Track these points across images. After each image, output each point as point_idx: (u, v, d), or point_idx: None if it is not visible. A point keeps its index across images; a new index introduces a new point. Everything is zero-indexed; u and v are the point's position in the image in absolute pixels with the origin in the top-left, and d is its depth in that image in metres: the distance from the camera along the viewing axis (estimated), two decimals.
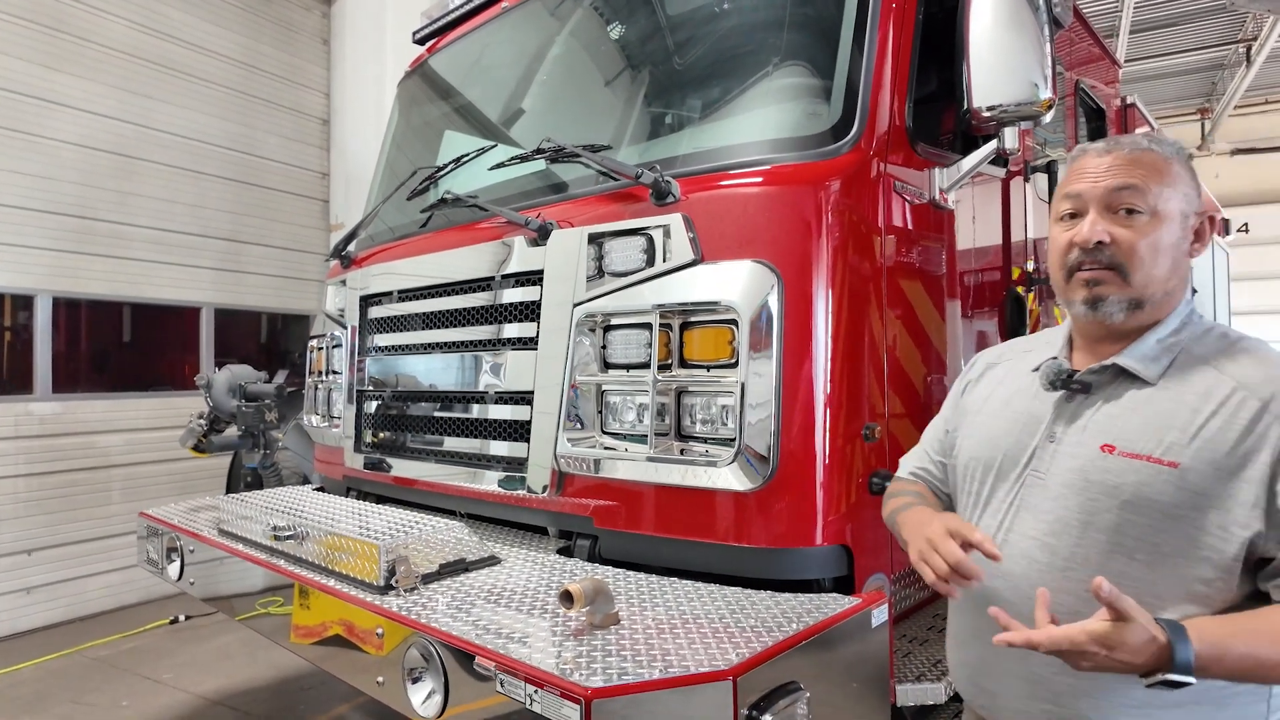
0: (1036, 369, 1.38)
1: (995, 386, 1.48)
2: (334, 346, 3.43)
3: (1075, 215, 1.29)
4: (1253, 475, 1.12)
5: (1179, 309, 1.29)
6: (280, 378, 4.94)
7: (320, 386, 3.56)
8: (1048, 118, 2.15)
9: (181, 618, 5.48)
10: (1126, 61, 11.80)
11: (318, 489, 3.56)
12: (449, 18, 3.61)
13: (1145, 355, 1.26)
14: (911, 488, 1.62)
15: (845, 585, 2.01)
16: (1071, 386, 1.30)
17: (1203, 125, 15.79)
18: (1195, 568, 1.15)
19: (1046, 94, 2.10)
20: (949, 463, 1.56)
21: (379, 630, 1.90)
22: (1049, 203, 3.05)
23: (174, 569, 2.93)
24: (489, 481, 2.58)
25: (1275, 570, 1.14)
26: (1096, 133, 4.12)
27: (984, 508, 1.41)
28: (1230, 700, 1.18)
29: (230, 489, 5.32)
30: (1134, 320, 1.26)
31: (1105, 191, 1.25)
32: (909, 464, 1.71)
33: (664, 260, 2.14)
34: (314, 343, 3.67)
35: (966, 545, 1.22)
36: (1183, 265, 1.28)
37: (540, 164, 2.68)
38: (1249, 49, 12.29)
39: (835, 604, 1.85)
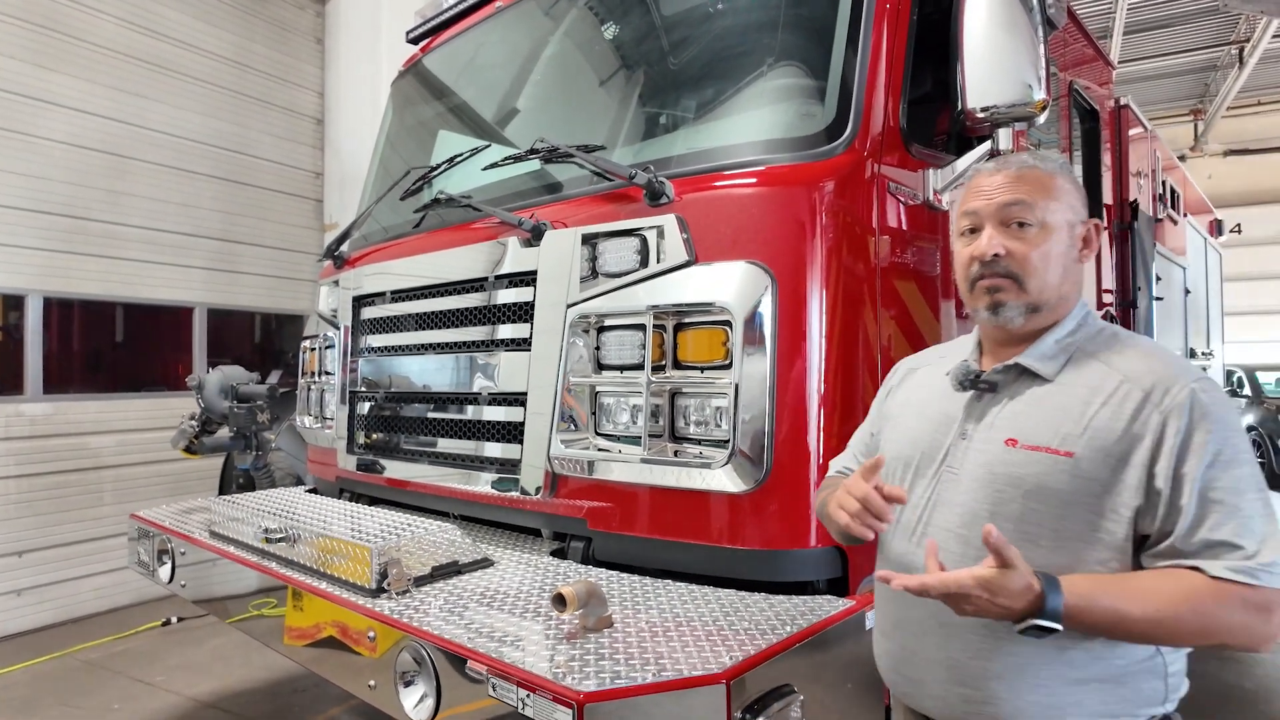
0: (949, 372, 1.47)
1: (914, 390, 1.57)
2: (327, 347, 3.42)
3: (974, 230, 1.40)
4: (1137, 460, 1.22)
5: (1074, 312, 1.40)
6: (273, 378, 4.92)
7: (313, 387, 3.54)
8: (1041, 119, 2.15)
9: (174, 620, 5.45)
10: (1120, 63, 11.83)
11: (310, 490, 3.54)
12: (443, 17, 3.60)
13: (1044, 354, 1.36)
14: (838, 481, 1.69)
15: (839, 587, 2.01)
16: (979, 386, 1.40)
17: (1196, 126, 15.87)
18: (1094, 550, 1.25)
19: (1040, 95, 2.10)
20: None
21: (371, 633, 1.89)
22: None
23: (165, 571, 2.92)
24: (482, 483, 2.57)
25: (1148, 545, 1.24)
26: (1090, 134, 4.13)
27: (903, 505, 1.47)
28: (1128, 679, 1.26)
29: (223, 491, 5.29)
30: (1032, 324, 1.37)
31: (998, 208, 1.37)
32: (836, 465, 1.77)
33: (658, 261, 2.14)
34: (306, 343, 3.66)
35: (889, 494, 1.33)
36: (1073, 271, 1.39)
37: (534, 164, 2.66)
38: (1241, 50, 12.35)
39: (829, 606, 1.84)
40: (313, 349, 3.56)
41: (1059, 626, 1.14)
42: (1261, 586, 1.14)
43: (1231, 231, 9.18)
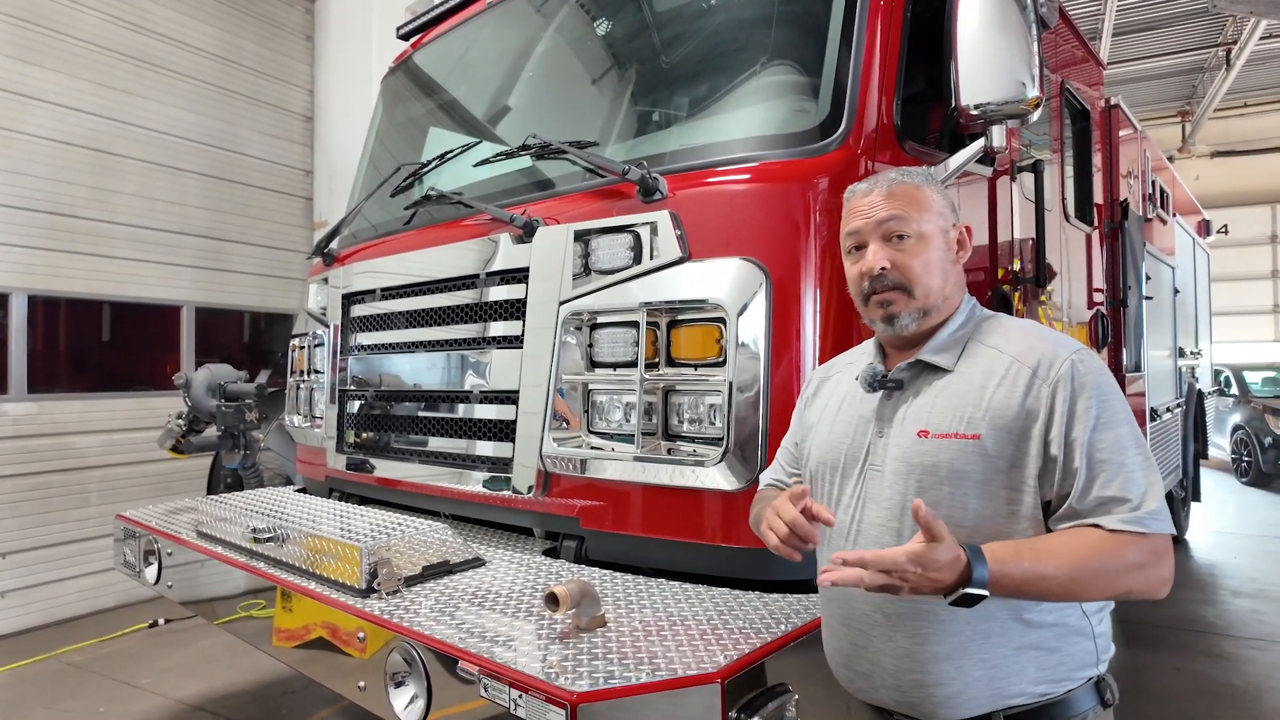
0: (858, 377, 1.55)
1: (829, 398, 1.63)
2: (316, 345, 3.39)
3: (859, 248, 1.50)
4: (1034, 433, 1.32)
5: (962, 306, 1.50)
6: (263, 377, 4.87)
7: (302, 386, 3.50)
8: (1034, 116, 2.15)
9: (161, 621, 5.39)
10: (1109, 64, 11.92)
11: (299, 490, 3.51)
12: (434, 13, 3.57)
13: (940, 348, 1.45)
14: (770, 494, 1.74)
15: None
16: (887, 385, 1.48)
17: (1183, 127, 16.00)
18: (1011, 524, 1.33)
19: (1033, 93, 2.10)
20: (801, 474, 1.67)
21: (360, 634, 1.87)
22: (1034, 202, 3.05)
23: (151, 572, 2.88)
24: (474, 482, 2.54)
25: (1050, 510, 1.32)
26: (1080, 134, 4.15)
27: (836, 505, 1.52)
28: (1061, 644, 1.35)
29: (211, 491, 5.24)
30: (925, 325, 1.47)
31: (876, 224, 1.46)
32: (766, 478, 1.80)
33: (651, 258, 2.12)
34: (295, 341, 3.62)
35: (809, 516, 1.38)
36: (953, 272, 1.49)
37: (526, 161, 2.65)
38: (1228, 53, 12.45)
39: None
40: (302, 347, 3.53)
41: (986, 592, 1.19)
42: (1150, 534, 1.24)
43: (1219, 232, 9.26)
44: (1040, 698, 1.34)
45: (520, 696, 1.42)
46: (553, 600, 1.62)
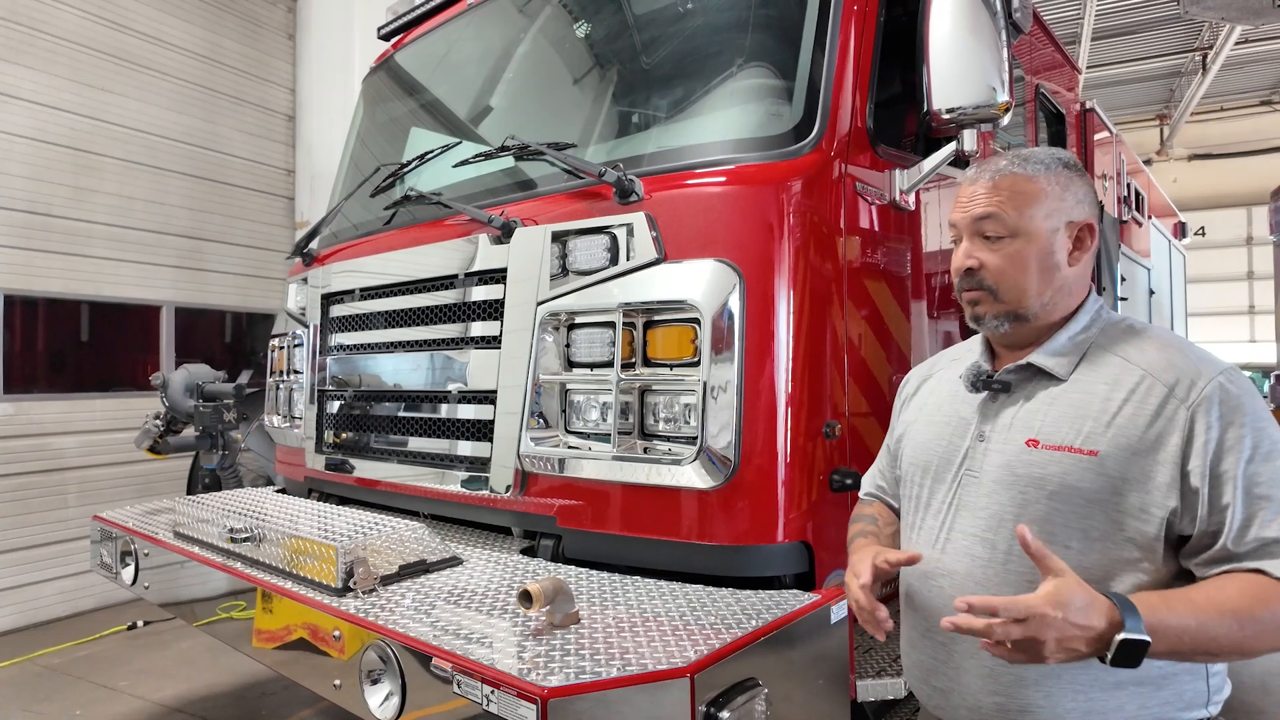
0: (961, 375, 1.46)
1: (929, 396, 1.56)
2: (295, 345, 3.38)
3: (957, 242, 1.42)
4: (1165, 457, 1.19)
5: (1086, 307, 1.38)
6: (244, 378, 4.85)
7: (281, 386, 3.50)
8: (1005, 120, 2.18)
9: (140, 624, 5.35)
10: (1089, 68, 12.07)
11: (279, 491, 3.50)
12: (415, 14, 3.58)
13: (1056, 352, 1.34)
14: (867, 511, 1.70)
15: (806, 582, 2.03)
16: (992, 387, 1.39)
17: (1161, 131, 16.21)
18: (1121, 549, 1.22)
19: (1004, 97, 2.14)
20: (898, 474, 1.61)
21: (336, 633, 1.88)
22: None
23: (128, 573, 2.86)
24: (452, 482, 2.55)
25: (1194, 548, 1.20)
26: (1055, 137, 4.21)
27: (925, 510, 1.46)
28: (1169, 681, 1.23)
29: (190, 491, 5.21)
30: (1022, 330, 1.37)
31: (970, 221, 1.38)
32: (866, 484, 1.78)
33: (627, 259, 2.14)
34: (275, 341, 3.61)
35: (898, 563, 1.34)
36: (1058, 275, 1.35)
37: (505, 161, 2.66)
38: (1205, 57, 12.64)
39: (795, 600, 1.86)
40: (281, 347, 3.52)
41: (1148, 639, 1.06)
42: None
43: (1195, 234, 9.42)
44: None
45: (493, 692, 1.44)
46: (526, 598, 1.64)
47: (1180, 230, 8.61)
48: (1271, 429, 1.18)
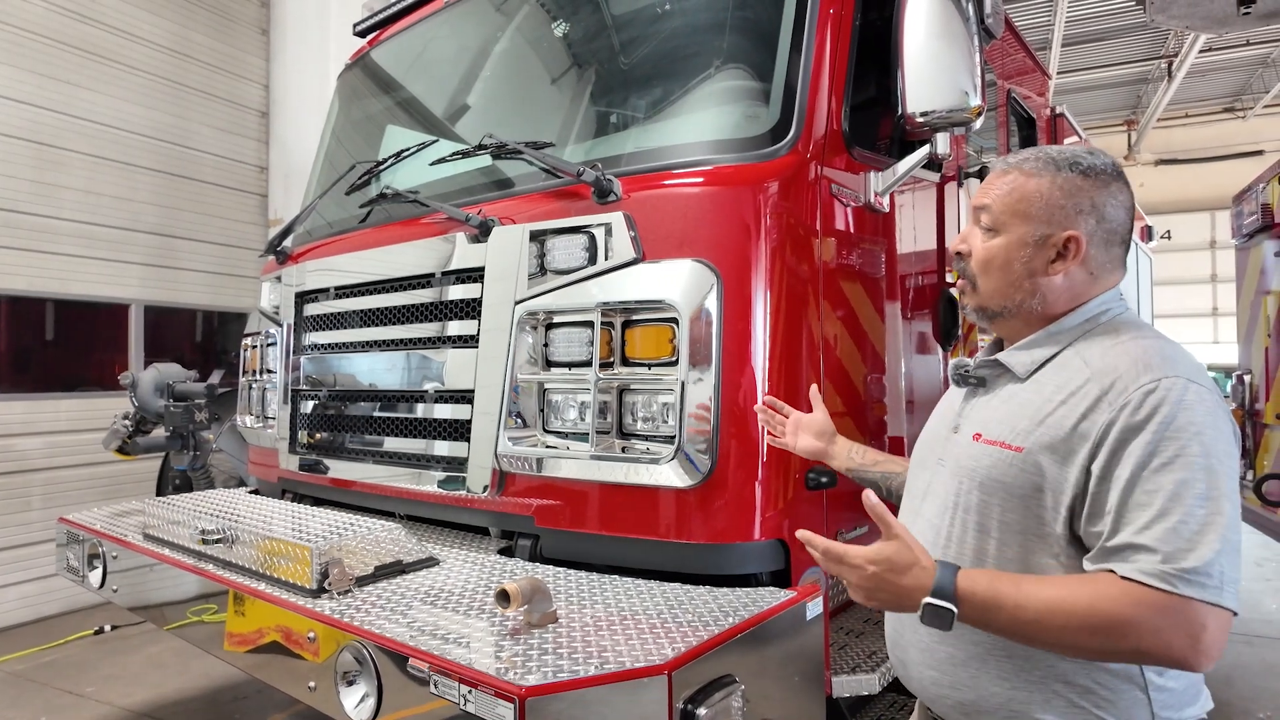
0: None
1: (949, 391, 1.60)
2: (268, 345, 3.34)
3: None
4: (1079, 459, 1.19)
5: (1083, 309, 1.33)
6: (215, 377, 4.77)
7: (254, 386, 3.45)
8: (977, 124, 2.22)
9: (107, 628, 5.24)
10: (1059, 74, 12.29)
11: (252, 492, 3.45)
12: (391, 10, 3.55)
13: (1020, 350, 1.36)
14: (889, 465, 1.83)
15: (782, 579, 2.04)
16: (969, 381, 1.43)
17: (1129, 136, 16.58)
18: (1038, 544, 1.25)
19: (976, 101, 2.17)
20: None
21: (311, 634, 1.86)
22: None
23: (96, 576, 2.81)
24: (429, 482, 2.54)
25: (1090, 550, 1.19)
26: (1026, 140, 4.28)
27: (909, 493, 1.55)
28: (1097, 687, 1.21)
29: (160, 493, 5.11)
30: (1003, 325, 1.40)
31: (974, 208, 1.41)
32: None
33: (605, 258, 2.15)
34: (248, 340, 3.56)
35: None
36: (1029, 281, 1.33)
37: (482, 160, 2.65)
38: (1170, 65, 12.93)
39: (771, 597, 1.88)
40: (254, 346, 3.47)
41: (948, 605, 1.14)
42: (1175, 594, 1.05)
43: (1162, 238, 9.63)
44: None
45: (470, 692, 1.44)
46: (504, 597, 1.64)
47: (1147, 234, 8.80)
48: (1190, 441, 1.12)
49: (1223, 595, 1.06)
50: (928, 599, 1.15)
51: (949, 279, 2.95)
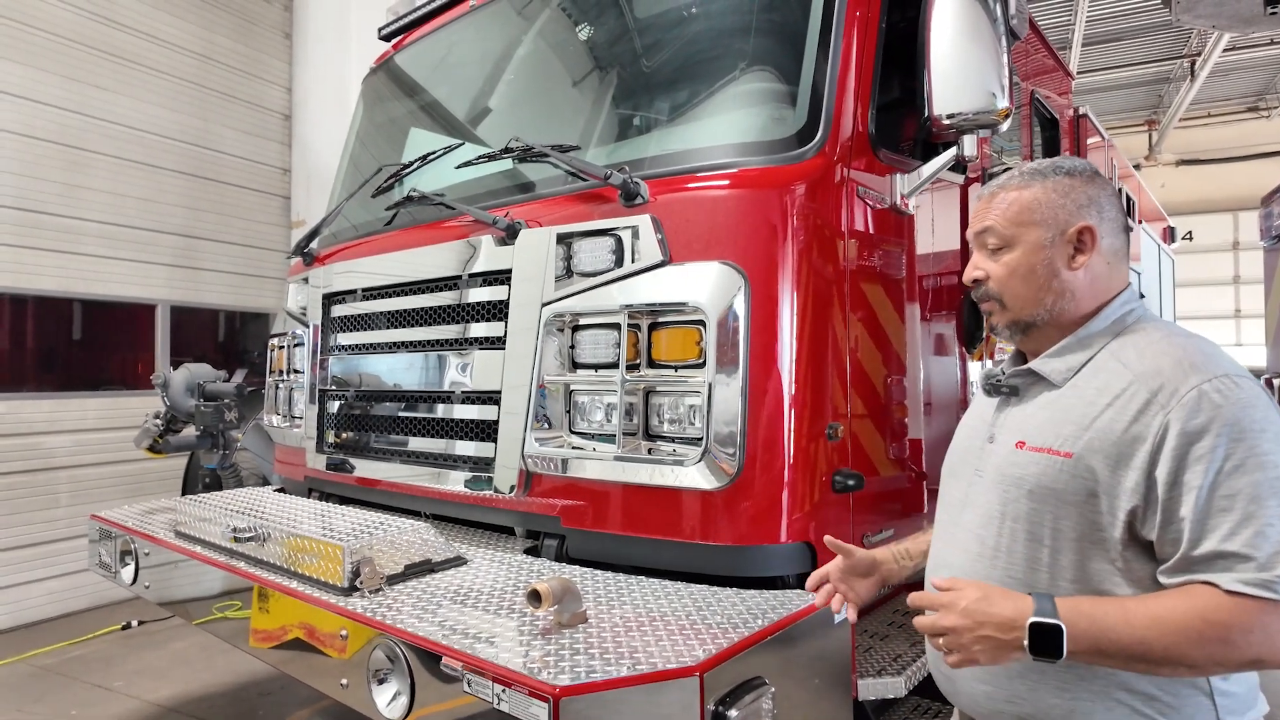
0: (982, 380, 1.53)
1: (976, 400, 1.61)
2: (295, 345, 3.38)
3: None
4: (1136, 463, 1.19)
5: (1111, 308, 1.36)
6: (238, 377, 4.83)
7: (281, 386, 3.49)
8: (1005, 126, 2.21)
9: (134, 623, 5.32)
10: (1078, 73, 12.18)
11: (278, 490, 3.50)
12: (415, 14, 3.58)
13: (1054, 357, 1.37)
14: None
15: None
16: (1001, 390, 1.44)
17: (1150, 136, 16.38)
18: (1095, 551, 1.24)
19: (1004, 103, 2.17)
20: None
21: (343, 632, 1.88)
22: None
23: (128, 573, 2.86)
24: (454, 482, 2.56)
25: (1159, 558, 1.20)
26: (1050, 142, 4.25)
27: (944, 506, 1.53)
28: (1162, 695, 1.21)
29: (187, 491, 5.18)
30: (1036, 335, 1.40)
31: (975, 234, 1.44)
32: None
33: (632, 261, 2.16)
34: (275, 341, 3.61)
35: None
36: (1057, 281, 1.36)
37: (507, 163, 2.67)
38: (1193, 64, 12.78)
39: (798, 600, 1.88)
40: (281, 347, 3.52)
41: (1059, 623, 1.11)
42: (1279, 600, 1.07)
43: (1183, 239, 9.51)
44: None
45: (504, 691, 1.45)
46: (535, 597, 1.65)
47: (1169, 235, 8.70)
48: (1256, 440, 1.13)
49: None
50: (1034, 619, 1.11)
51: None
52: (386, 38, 3.81)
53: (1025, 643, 1.12)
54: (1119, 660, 1.14)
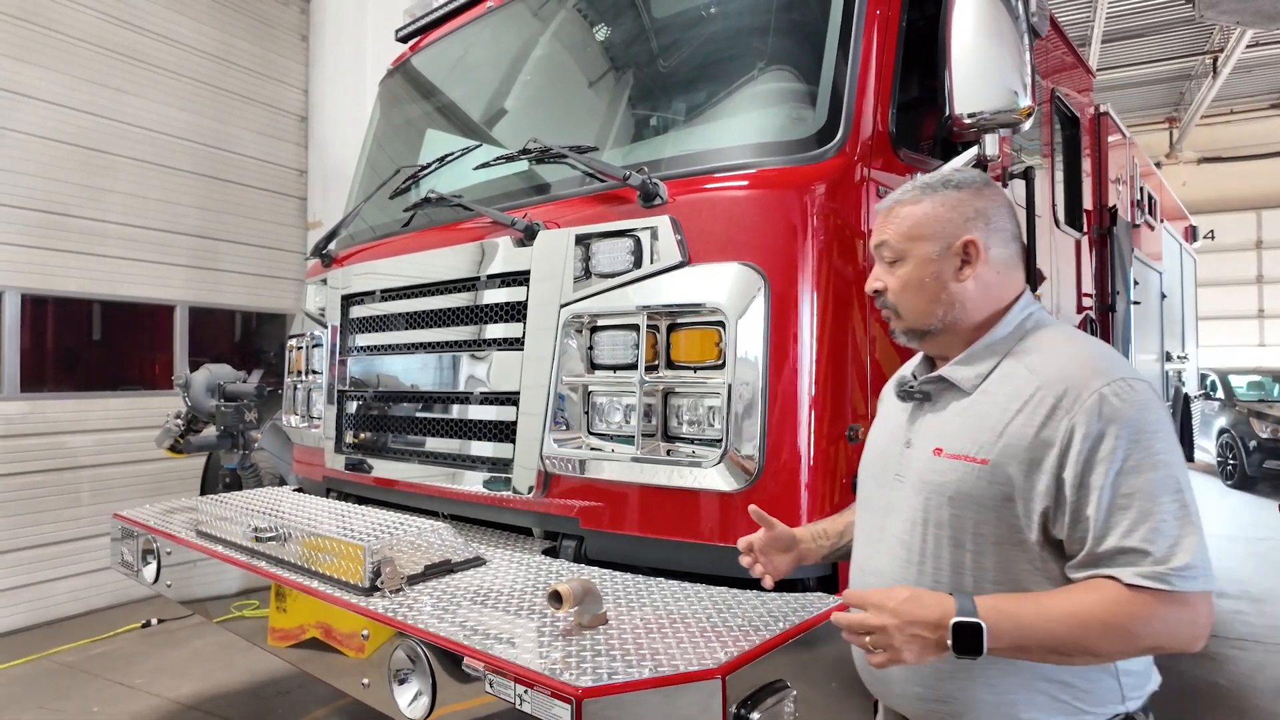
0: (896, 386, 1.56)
1: (887, 403, 1.63)
2: (314, 346, 3.40)
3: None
4: (1046, 466, 1.25)
5: (1007, 319, 1.41)
6: (254, 377, 4.87)
7: (300, 386, 3.52)
8: (1027, 125, 2.19)
9: (154, 621, 5.38)
10: (1098, 70, 12.03)
11: (296, 490, 3.52)
12: (433, 16, 3.59)
13: (965, 363, 1.42)
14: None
15: (829, 585, 2.03)
16: (915, 396, 1.47)
17: (1171, 134, 16.17)
18: (1015, 553, 1.30)
19: (1026, 101, 2.14)
20: None
21: (364, 632, 1.89)
22: (1025, 208, 3.11)
23: (150, 571, 2.89)
24: (473, 482, 2.57)
25: (1070, 558, 1.26)
26: (1071, 140, 4.21)
27: (867, 510, 1.56)
28: (1077, 679, 1.29)
29: (205, 490, 5.23)
30: (938, 341, 1.45)
31: (873, 248, 1.50)
32: None
33: (651, 262, 2.15)
34: (293, 342, 3.63)
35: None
36: (946, 293, 1.41)
37: (524, 164, 2.67)
38: (1215, 60, 12.60)
39: (819, 603, 1.87)
40: (299, 348, 3.54)
41: (980, 621, 1.16)
42: (1176, 591, 1.15)
43: (1205, 237, 9.38)
44: None
45: (526, 692, 1.45)
46: (556, 598, 1.65)
47: (1191, 234, 8.59)
48: (1151, 440, 1.21)
49: (1210, 581, 1.19)
50: (956, 618, 1.17)
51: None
52: (404, 40, 3.82)
53: (949, 641, 1.18)
54: (1036, 654, 1.21)
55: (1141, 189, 5.79)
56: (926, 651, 1.19)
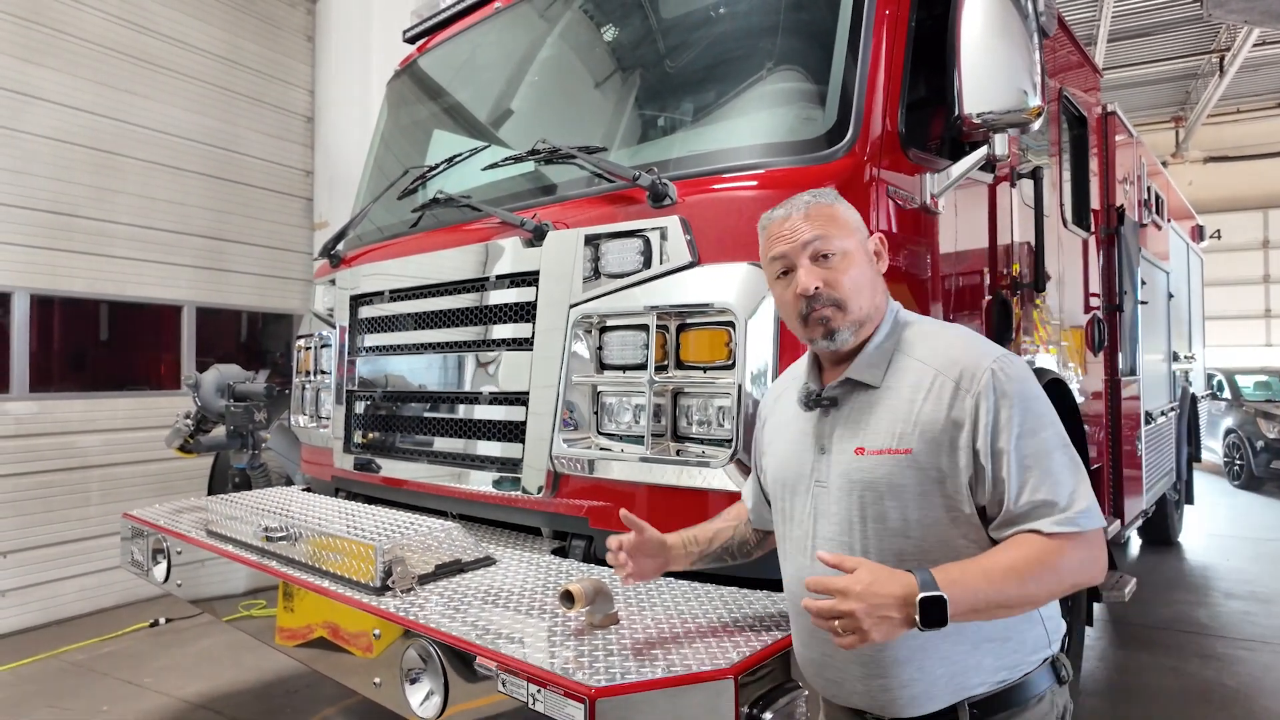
0: (797, 397, 1.59)
1: (782, 414, 1.66)
2: (322, 346, 3.41)
3: (787, 272, 1.52)
4: (962, 443, 1.36)
5: (886, 318, 1.53)
6: (261, 377, 4.89)
7: (308, 386, 3.53)
8: (1036, 125, 2.19)
9: (162, 620, 5.40)
10: (1104, 69, 11.99)
11: (305, 489, 3.53)
12: (440, 17, 3.60)
13: (868, 363, 1.49)
14: (731, 511, 1.90)
15: None
16: (822, 404, 1.52)
17: (1177, 133, 16.11)
18: (953, 531, 1.39)
19: (1035, 101, 2.14)
20: (765, 491, 1.73)
21: (376, 631, 1.90)
22: (1033, 208, 3.09)
23: (160, 570, 2.90)
24: (482, 482, 2.57)
25: (989, 518, 1.38)
26: (1078, 139, 4.20)
27: (791, 521, 1.57)
28: (1012, 633, 1.42)
29: (213, 490, 5.25)
30: (859, 338, 1.51)
31: (802, 246, 1.49)
32: (744, 491, 1.89)
33: (661, 262, 2.16)
34: (301, 342, 3.64)
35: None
36: (877, 283, 1.53)
37: (532, 165, 2.68)
38: (1222, 59, 12.56)
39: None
40: (308, 348, 3.55)
41: (943, 594, 1.22)
42: (1084, 531, 1.31)
43: (1211, 237, 9.35)
44: (1000, 684, 1.41)
45: (539, 691, 1.46)
46: (568, 598, 1.66)
47: (1198, 233, 8.56)
48: (1035, 404, 1.38)
49: (1102, 518, 1.35)
50: (922, 594, 1.22)
51: (1004, 279, 2.91)
52: (410, 40, 3.83)
53: (917, 616, 1.22)
54: (987, 612, 1.29)
55: (1148, 189, 5.78)
56: (894, 630, 1.24)
